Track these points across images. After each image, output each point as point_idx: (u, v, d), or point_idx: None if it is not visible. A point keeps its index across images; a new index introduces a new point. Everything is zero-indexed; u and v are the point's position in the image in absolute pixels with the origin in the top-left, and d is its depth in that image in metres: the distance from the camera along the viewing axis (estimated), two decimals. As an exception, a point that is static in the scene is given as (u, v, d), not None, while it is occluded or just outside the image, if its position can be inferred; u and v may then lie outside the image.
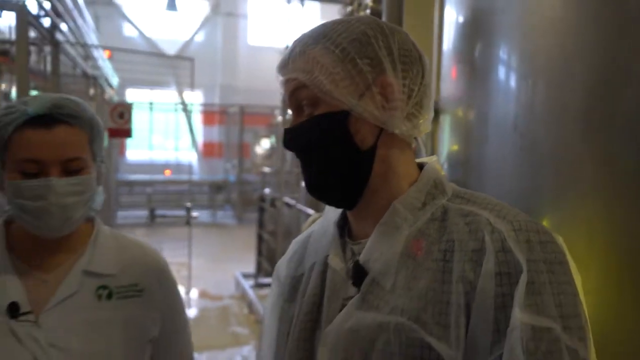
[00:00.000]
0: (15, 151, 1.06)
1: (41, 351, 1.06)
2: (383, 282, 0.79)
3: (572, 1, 1.32)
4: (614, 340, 1.14)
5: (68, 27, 4.68)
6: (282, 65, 0.86)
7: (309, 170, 0.87)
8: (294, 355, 0.87)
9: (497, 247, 0.74)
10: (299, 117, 0.86)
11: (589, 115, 1.25)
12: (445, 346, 0.73)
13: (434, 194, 0.84)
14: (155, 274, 1.21)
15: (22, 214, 1.07)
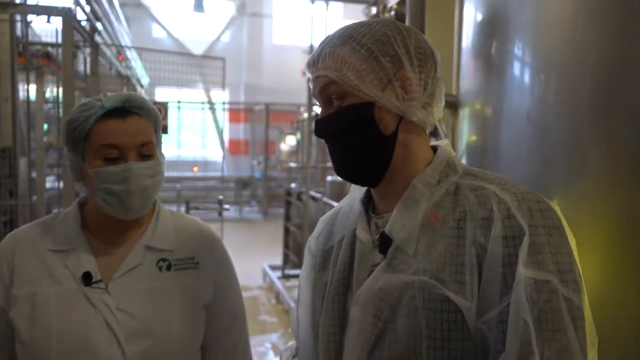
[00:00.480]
0: (96, 140, 1.19)
1: (110, 314, 1.19)
2: (406, 248, 0.92)
3: (581, 1, 1.45)
4: (614, 305, 1.28)
5: (105, 30, 4.91)
6: (312, 64, 0.97)
7: (338, 154, 0.98)
8: (329, 313, 0.99)
9: (503, 215, 0.86)
10: (328, 109, 0.97)
11: (596, 105, 1.39)
12: (461, 299, 0.85)
13: (447, 172, 0.97)
14: (209, 248, 1.35)
15: (107, 197, 1.20)
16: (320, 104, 0.99)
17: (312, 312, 1.05)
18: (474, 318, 0.84)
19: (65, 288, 1.20)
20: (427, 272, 0.87)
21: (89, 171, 1.20)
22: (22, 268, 1.22)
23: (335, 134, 0.97)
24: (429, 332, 0.86)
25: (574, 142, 1.44)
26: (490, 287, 0.84)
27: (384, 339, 0.90)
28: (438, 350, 0.85)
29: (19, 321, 1.19)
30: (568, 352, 0.81)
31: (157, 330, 1.22)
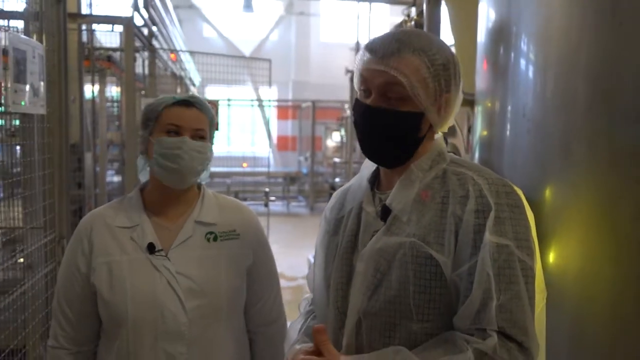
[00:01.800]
0: (163, 119, 1.50)
1: (172, 276, 1.47)
2: (402, 217, 1.16)
3: (576, 10, 1.64)
4: (593, 274, 1.47)
5: (160, 34, 5.30)
6: (380, 56, 1.13)
7: (375, 141, 1.19)
8: (339, 268, 1.23)
9: (476, 194, 1.10)
10: (381, 101, 1.15)
11: (589, 101, 1.58)
12: (441, 256, 1.09)
13: (438, 160, 1.21)
14: (247, 222, 1.63)
15: (162, 161, 1.47)
16: (373, 90, 1.16)
17: (324, 268, 1.29)
18: (450, 271, 1.09)
19: (134, 257, 1.49)
20: (416, 235, 1.12)
21: (153, 141, 1.50)
22: (99, 242, 1.51)
23: (387, 127, 1.16)
24: (415, 280, 1.10)
25: (567, 134, 1.64)
26: (463, 248, 1.08)
27: (381, 286, 1.13)
28: (421, 294, 1.10)
29: (99, 285, 1.48)
30: (518, 299, 1.05)
31: (209, 289, 1.49)
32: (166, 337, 1.44)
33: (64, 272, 1.54)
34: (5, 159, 1.69)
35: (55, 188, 2.16)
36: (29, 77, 1.85)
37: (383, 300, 1.13)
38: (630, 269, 1.47)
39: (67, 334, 1.52)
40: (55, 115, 2.13)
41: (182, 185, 1.53)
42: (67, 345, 1.52)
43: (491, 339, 1.01)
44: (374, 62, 1.15)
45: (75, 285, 1.51)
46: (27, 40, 1.83)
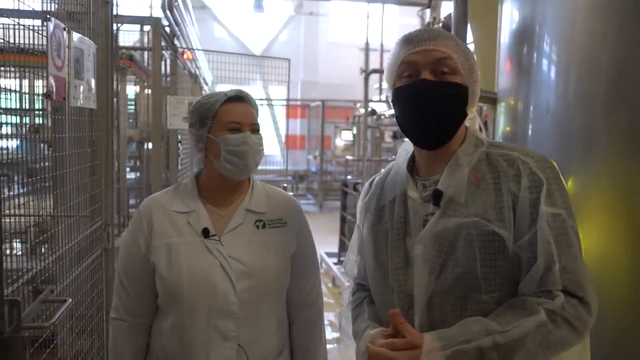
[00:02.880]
0: (222, 117, 1.59)
1: (224, 259, 1.57)
2: (458, 198, 1.23)
3: (598, 13, 1.77)
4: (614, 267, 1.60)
5: (181, 33, 5.44)
6: (425, 39, 1.25)
7: (429, 117, 1.24)
8: (395, 254, 1.29)
9: (527, 172, 1.21)
10: (432, 76, 1.24)
11: (609, 99, 1.71)
12: (504, 230, 1.18)
13: (477, 144, 1.30)
14: (293, 211, 1.73)
15: (229, 157, 1.56)
16: (423, 69, 1.24)
17: (376, 256, 1.36)
18: (512, 244, 1.19)
19: (190, 240, 1.60)
20: (477, 215, 1.21)
21: (216, 139, 1.58)
22: (158, 224, 1.62)
23: (444, 98, 1.24)
24: (481, 256, 1.19)
25: (588, 130, 1.77)
26: (522, 221, 1.19)
27: (446, 266, 1.21)
28: (487, 267, 1.19)
29: (158, 263, 1.59)
30: (575, 260, 1.18)
31: (257, 272, 1.59)
32: (218, 315, 1.56)
33: (125, 250, 1.66)
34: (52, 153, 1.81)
35: (102, 179, 2.30)
36: (85, 74, 1.99)
37: (452, 278, 1.21)
38: None
39: (127, 307, 1.64)
40: (102, 110, 2.27)
41: (245, 176, 1.65)
42: (127, 317, 1.64)
43: (558, 298, 1.13)
44: (422, 44, 1.25)
45: (135, 262, 1.63)
46: (85, 39, 1.97)
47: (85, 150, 2.09)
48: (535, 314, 1.13)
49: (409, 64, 1.26)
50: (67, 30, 1.76)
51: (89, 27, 2.13)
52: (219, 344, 1.55)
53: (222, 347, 1.56)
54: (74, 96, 1.87)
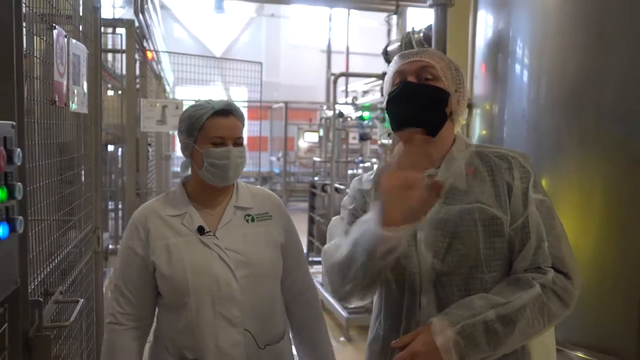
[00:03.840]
0: (207, 131, 1.69)
1: (222, 251, 1.68)
2: (459, 185, 1.38)
3: (567, 27, 1.93)
4: (583, 254, 1.76)
5: (150, 36, 5.43)
6: (414, 54, 1.44)
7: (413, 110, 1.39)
8: None
9: (517, 165, 1.39)
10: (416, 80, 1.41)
11: (579, 105, 1.87)
12: (502, 213, 1.34)
13: (467, 145, 1.47)
14: (276, 206, 1.85)
15: (211, 169, 1.68)
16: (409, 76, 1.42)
17: None
18: (508, 228, 1.34)
19: (187, 238, 1.69)
20: (478, 201, 1.36)
21: (200, 150, 1.69)
22: (154, 229, 1.70)
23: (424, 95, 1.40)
24: (483, 237, 1.34)
25: (558, 133, 1.93)
26: (516, 207, 1.35)
27: (451, 247, 1.35)
28: (489, 249, 1.34)
29: (159, 262, 1.67)
30: (560, 239, 1.34)
31: (254, 260, 1.70)
32: (223, 303, 1.66)
33: (123, 257, 1.73)
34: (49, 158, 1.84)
35: (92, 182, 2.33)
36: (80, 79, 2.02)
37: (456, 260, 1.35)
38: (613, 244, 1.77)
39: (125, 311, 1.70)
40: (92, 114, 2.30)
41: (227, 184, 1.75)
42: (124, 321, 1.70)
43: (549, 273, 1.29)
44: (410, 57, 1.45)
45: (133, 266, 1.70)
46: (79, 44, 2.00)
47: (78, 155, 2.12)
48: (531, 287, 1.27)
49: (399, 73, 1.45)
50: (67, 37, 1.80)
51: (81, 32, 2.16)
52: (226, 330, 1.66)
53: (230, 332, 1.66)
54: (71, 101, 1.91)
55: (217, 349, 1.65)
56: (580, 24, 1.90)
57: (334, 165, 6.08)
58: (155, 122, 4.25)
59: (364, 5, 6.08)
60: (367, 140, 7.75)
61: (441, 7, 2.27)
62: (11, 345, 1.19)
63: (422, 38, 2.73)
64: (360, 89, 8.91)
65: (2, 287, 1.09)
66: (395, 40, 3.19)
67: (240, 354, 1.67)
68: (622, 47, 1.77)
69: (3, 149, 1.02)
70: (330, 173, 6.27)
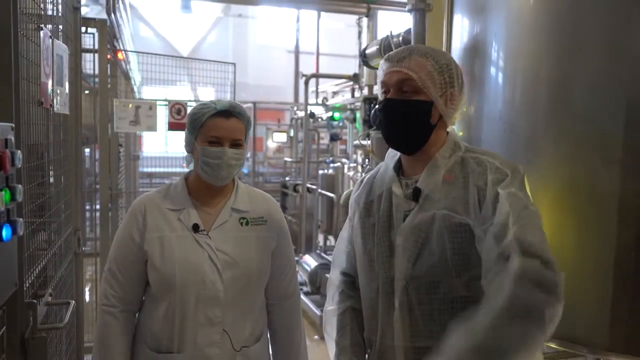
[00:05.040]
0: (206, 130, 1.71)
1: (212, 252, 1.71)
2: (433, 195, 1.42)
3: (540, 31, 2.01)
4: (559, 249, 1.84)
5: (119, 35, 5.36)
6: (394, 60, 1.43)
7: (397, 128, 1.44)
8: (381, 243, 1.49)
9: (493, 169, 1.39)
10: (397, 95, 1.42)
11: (551, 106, 1.95)
12: (469, 218, 1.35)
13: (455, 149, 1.48)
14: (272, 211, 1.87)
15: (205, 167, 1.71)
16: (391, 89, 1.44)
17: (364, 244, 1.55)
18: (478, 229, 1.33)
19: (181, 234, 1.72)
20: (446, 207, 1.39)
21: (198, 147, 1.72)
22: (151, 220, 1.74)
23: (404, 114, 1.43)
24: (451, 245, 1.36)
25: (533, 133, 2.01)
26: (486, 210, 1.34)
27: (422, 254, 1.40)
28: (457, 255, 1.36)
29: (152, 254, 1.70)
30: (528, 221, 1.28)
31: (242, 263, 1.74)
32: (206, 302, 1.69)
33: (119, 242, 1.75)
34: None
35: (72, 184, 2.30)
36: (63, 80, 2.01)
37: (426, 265, 1.39)
38: (587, 239, 1.86)
39: (117, 294, 1.73)
40: (72, 115, 2.28)
41: (220, 184, 1.77)
42: (118, 303, 1.73)
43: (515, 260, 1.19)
44: (390, 66, 1.45)
45: (128, 253, 1.73)
46: (62, 45, 1.98)
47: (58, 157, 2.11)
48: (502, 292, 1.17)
49: (383, 82, 1.48)
50: (52, 37, 1.79)
51: (61, 32, 2.15)
52: (205, 329, 1.69)
53: (209, 331, 1.70)
54: (56, 102, 1.90)
55: (194, 346, 1.69)
56: (553, 27, 1.98)
57: (305, 165, 6.12)
58: (129, 123, 4.20)
59: (334, 8, 6.14)
60: (337, 141, 7.81)
61: (420, 12, 2.33)
62: (9, 346, 1.19)
63: (402, 42, 2.79)
64: (330, 89, 8.97)
65: (3, 289, 1.10)
66: (373, 44, 3.26)
67: (215, 353, 1.71)
68: (593, 49, 1.86)
69: (8, 151, 1.02)
70: (301, 173, 6.30)
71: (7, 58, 1.17)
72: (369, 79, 5.37)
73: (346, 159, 7.20)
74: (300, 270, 6.14)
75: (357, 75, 5.91)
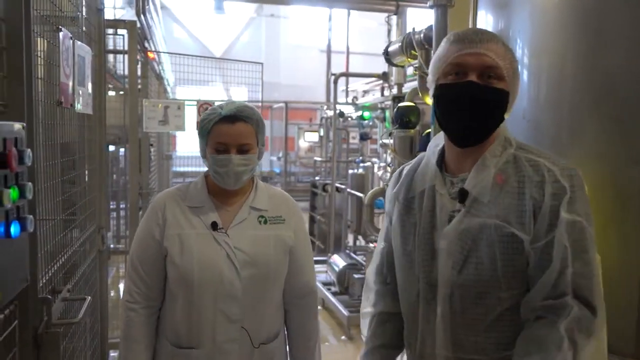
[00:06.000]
0: (213, 137, 1.73)
1: (230, 250, 1.72)
2: (482, 198, 1.29)
3: (564, 27, 1.95)
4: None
5: (151, 36, 5.45)
6: (476, 42, 1.27)
7: (468, 117, 1.29)
8: (422, 246, 1.37)
9: (552, 180, 1.26)
10: (480, 79, 1.28)
11: (576, 103, 1.89)
12: (523, 234, 1.24)
13: (505, 146, 1.35)
14: (291, 210, 1.88)
15: (215, 174, 1.75)
16: (471, 71, 1.28)
17: (404, 244, 1.44)
18: (528, 246, 1.25)
19: (200, 232, 1.74)
20: (498, 216, 1.27)
21: (208, 155, 1.75)
22: (171, 216, 1.76)
23: (486, 102, 1.28)
24: (502, 256, 1.26)
25: (557, 131, 1.95)
26: (541, 226, 1.25)
27: (468, 262, 1.30)
28: (508, 267, 1.27)
29: (171, 250, 1.72)
30: (589, 265, 1.24)
31: (259, 261, 1.74)
32: (224, 299, 1.71)
33: (140, 239, 1.78)
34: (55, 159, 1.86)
35: (96, 183, 2.35)
36: (85, 81, 2.05)
37: (474, 274, 1.29)
38: (612, 242, 1.79)
39: (140, 290, 1.76)
40: (96, 115, 2.32)
41: (232, 188, 1.78)
42: (140, 299, 1.76)
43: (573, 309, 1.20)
44: (472, 47, 1.28)
45: (149, 249, 1.75)
46: (84, 46, 2.02)
47: (83, 155, 2.15)
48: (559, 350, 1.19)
49: (457, 64, 1.30)
50: (72, 39, 1.83)
51: (85, 34, 2.19)
52: (224, 326, 1.71)
53: (228, 328, 1.71)
54: (77, 102, 1.93)
55: (213, 342, 1.71)
56: (578, 22, 1.92)
57: (334, 165, 6.10)
58: (158, 123, 4.27)
59: (364, 6, 6.11)
60: (367, 140, 7.78)
61: (441, 8, 2.29)
62: (21, 341, 1.21)
63: (423, 39, 2.75)
64: (361, 88, 8.93)
65: (13, 284, 1.12)
66: (396, 41, 3.21)
67: (234, 349, 1.72)
68: (619, 45, 1.79)
69: (15, 149, 1.04)
70: (331, 173, 6.29)
71: (19, 59, 1.19)
72: (398, 78, 5.32)
73: (377, 158, 7.16)
74: (329, 270, 6.14)
75: (386, 74, 5.86)
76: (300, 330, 1.91)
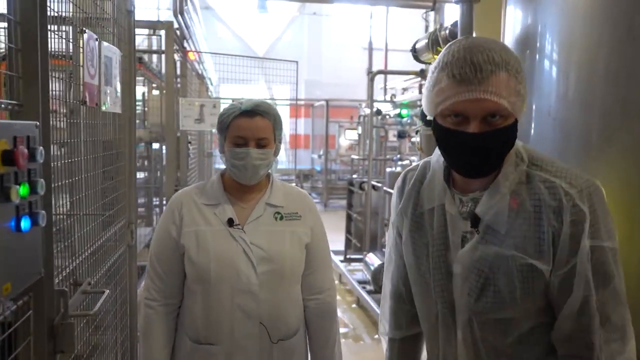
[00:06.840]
0: (232, 131, 1.77)
1: (247, 246, 1.75)
2: (497, 227, 1.22)
3: (594, 22, 1.88)
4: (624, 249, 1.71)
5: (190, 36, 5.56)
6: (475, 84, 1.13)
7: (476, 161, 1.19)
8: (436, 267, 1.32)
9: (570, 204, 1.17)
10: (483, 126, 1.16)
11: (607, 102, 1.82)
12: (542, 263, 1.19)
13: (517, 162, 1.25)
14: (307, 206, 1.90)
15: (232, 168, 1.78)
16: (473, 118, 1.16)
17: (417, 264, 1.38)
18: (549, 274, 1.20)
19: (217, 228, 1.77)
20: (517, 248, 1.21)
21: (226, 149, 1.78)
22: (188, 214, 1.80)
23: (492, 148, 1.18)
24: (521, 285, 1.21)
25: (584, 133, 1.88)
26: (562, 254, 1.19)
27: (486, 289, 1.24)
28: (528, 294, 1.22)
29: (188, 247, 1.76)
30: (614, 292, 1.19)
31: (276, 257, 1.77)
32: (241, 295, 1.73)
33: (159, 239, 1.82)
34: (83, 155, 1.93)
35: (126, 179, 2.42)
36: (112, 81, 2.11)
37: (492, 302, 1.24)
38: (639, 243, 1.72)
39: (159, 288, 1.80)
40: (125, 114, 2.39)
41: (249, 183, 1.81)
42: (158, 297, 1.80)
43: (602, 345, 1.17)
44: (471, 90, 1.14)
45: (166, 248, 1.80)
46: (112, 47, 2.08)
47: (111, 153, 2.21)
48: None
49: (458, 108, 1.17)
50: (98, 40, 1.88)
51: (114, 35, 2.25)
52: (242, 322, 1.73)
53: (246, 324, 1.73)
54: (103, 102, 1.99)
55: (232, 338, 1.73)
56: (609, 18, 1.84)
57: (371, 163, 6.08)
58: (194, 121, 4.36)
59: (402, 2, 6.05)
60: (406, 138, 7.70)
61: (467, 3, 2.24)
62: (36, 331, 1.26)
63: (448, 35, 2.70)
64: (399, 86, 8.85)
65: (25, 277, 1.17)
66: (422, 38, 3.16)
67: (253, 345, 1.74)
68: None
69: (25, 147, 1.09)
70: (368, 171, 6.27)
71: (34, 60, 1.24)
72: (434, 75, 5.23)
73: (415, 156, 7.08)
74: (364, 269, 6.12)
75: (424, 71, 5.79)
76: (319, 327, 1.92)
